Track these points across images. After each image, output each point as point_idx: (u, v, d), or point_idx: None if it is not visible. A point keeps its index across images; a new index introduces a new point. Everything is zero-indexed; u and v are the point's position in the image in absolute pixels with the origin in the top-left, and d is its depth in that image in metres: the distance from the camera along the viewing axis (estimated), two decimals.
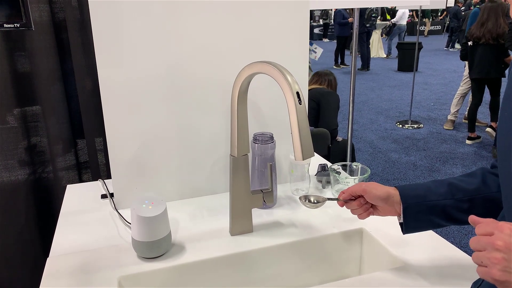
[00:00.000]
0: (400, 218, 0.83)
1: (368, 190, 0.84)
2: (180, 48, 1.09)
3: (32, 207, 1.51)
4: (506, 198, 0.65)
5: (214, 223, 1.07)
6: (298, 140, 0.76)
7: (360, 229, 1.03)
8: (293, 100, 0.75)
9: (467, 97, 4.97)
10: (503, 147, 0.65)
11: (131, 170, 1.13)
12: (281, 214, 1.11)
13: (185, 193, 1.21)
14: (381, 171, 3.95)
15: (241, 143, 0.95)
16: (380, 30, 11.67)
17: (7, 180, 1.45)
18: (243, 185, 0.98)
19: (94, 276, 0.87)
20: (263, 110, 1.22)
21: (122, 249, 0.96)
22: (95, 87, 1.51)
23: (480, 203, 0.78)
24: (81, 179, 1.61)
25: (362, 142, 4.74)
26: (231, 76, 1.14)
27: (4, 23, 0.78)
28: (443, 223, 0.81)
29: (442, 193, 0.80)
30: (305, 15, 1.18)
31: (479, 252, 0.54)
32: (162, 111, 1.12)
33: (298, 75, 1.21)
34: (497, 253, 0.52)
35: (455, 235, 2.85)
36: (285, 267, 1.00)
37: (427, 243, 0.96)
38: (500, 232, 0.53)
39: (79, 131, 1.57)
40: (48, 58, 1.45)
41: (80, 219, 1.11)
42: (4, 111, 1.41)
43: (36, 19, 1.40)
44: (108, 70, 1.05)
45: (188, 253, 0.94)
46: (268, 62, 0.80)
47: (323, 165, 1.29)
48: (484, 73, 4.30)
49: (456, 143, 4.68)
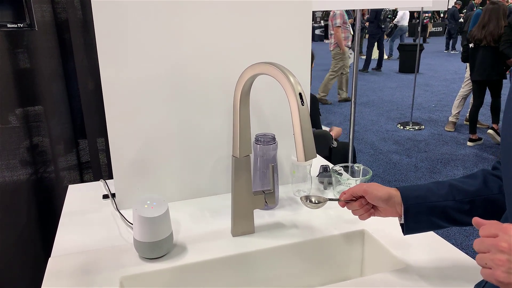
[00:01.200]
0: (401, 219, 0.83)
1: (369, 191, 0.84)
2: (182, 48, 1.09)
3: (34, 207, 1.51)
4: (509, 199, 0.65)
5: (215, 224, 1.07)
6: (301, 141, 0.76)
7: (362, 231, 1.03)
8: (295, 101, 0.75)
9: (469, 98, 4.96)
10: (506, 148, 0.65)
11: (133, 171, 1.13)
12: (283, 215, 1.11)
13: (187, 194, 1.21)
14: (382, 172, 3.95)
15: (243, 144, 0.95)
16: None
17: (9, 180, 1.45)
18: (245, 186, 0.98)
19: (95, 276, 0.87)
20: (265, 111, 1.22)
21: (123, 250, 0.96)
22: (97, 87, 1.51)
23: (481, 205, 0.78)
24: (82, 179, 1.61)
25: (363, 144, 4.74)
26: (233, 76, 1.14)
27: (7, 23, 0.78)
28: (443, 224, 0.81)
29: (443, 194, 0.80)
30: (308, 16, 1.18)
31: (483, 254, 0.54)
32: (164, 112, 1.12)
33: (300, 76, 1.21)
34: (502, 255, 0.52)
35: (456, 237, 2.84)
36: (287, 268, 1.00)
37: (429, 244, 0.96)
38: (505, 234, 0.53)
39: (81, 131, 1.57)
40: (50, 58, 1.45)
41: (82, 219, 1.11)
42: (6, 111, 1.41)
43: (38, 19, 1.40)
44: (110, 70, 1.05)
45: (190, 254, 0.94)
46: (270, 63, 0.80)
47: (325, 166, 1.29)
48: (485, 75, 4.30)
49: (457, 145, 4.67)
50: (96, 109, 1.52)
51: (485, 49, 4.22)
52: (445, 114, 5.85)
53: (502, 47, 3.96)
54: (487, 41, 4.16)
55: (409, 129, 5.25)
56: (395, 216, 0.85)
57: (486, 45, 4.18)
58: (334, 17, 6.06)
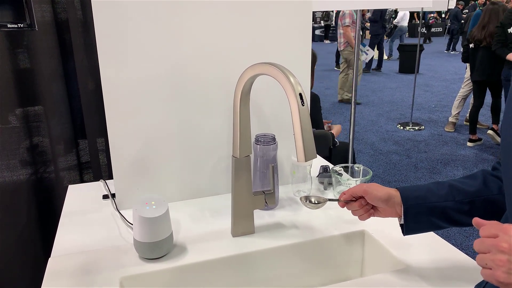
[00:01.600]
0: (401, 219, 0.83)
1: (369, 191, 0.84)
2: (182, 48, 1.09)
3: (34, 207, 1.51)
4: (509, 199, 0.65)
5: (215, 224, 1.07)
6: (301, 142, 0.75)
7: (362, 231, 1.03)
8: (295, 102, 0.75)
9: (468, 99, 4.97)
10: (506, 148, 0.65)
11: (133, 171, 1.13)
12: (283, 215, 1.11)
13: (187, 194, 1.21)
14: (382, 172, 3.95)
15: (243, 144, 0.95)
16: None
17: (9, 180, 1.45)
18: (245, 186, 0.98)
19: (95, 276, 0.87)
20: (265, 111, 1.21)
21: (123, 250, 0.96)
22: (97, 87, 1.51)
23: (481, 205, 0.78)
24: (82, 179, 1.61)
25: (363, 144, 4.74)
26: (233, 77, 1.14)
27: (7, 23, 0.78)
28: (443, 224, 0.81)
29: (443, 195, 0.80)
30: (308, 16, 1.18)
31: (484, 254, 0.54)
32: (164, 112, 1.12)
33: (300, 77, 1.21)
34: (502, 255, 0.52)
35: (456, 237, 2.84)
36: (287, 269, 1.00)
37: (429, 245, 0.96)
38: (505, 234, 0.53)
39: (81, 131, 1.57)
40: (51, 58, 1.45)
41: (82, 220, 1.11)
42: (6, 111, 1.41)
43: (38, 19, 1.40)
44: (110, 70, 1.05)
45: (190, 254, 0.94)
46: (270, 63, 0.80)
47: (325, 167, 1.29)
48: (485, 75, 4.31)
49: (457, 145, 4.67)
50: (96, 109, 1.52)
51: (485, 49, 4.22)
52: (445, 114, 5.85)
53: (495, 47, 3.96)
54: (487, 42, 4.16)
55: (409, 130, 5.25)
56: (394, 216, 0.85)
57: (486, 45, 4.19)
58: (343, 16, 6.05)
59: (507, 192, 0.65)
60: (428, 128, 5.31)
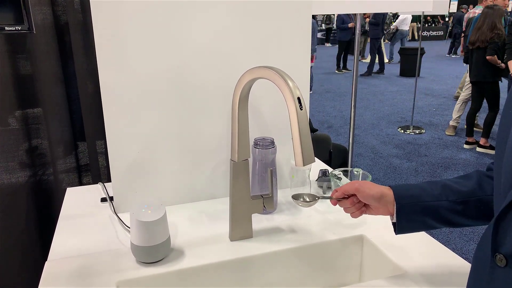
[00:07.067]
0: (393, 218, 0.82)
1: (361, 189, 0.84)
2: (181, 51, 1.09)
3: (32, 210, 1.51)
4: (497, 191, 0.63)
5: (213, 228, 1.06)
6: (299, 146, 0.75)
7: (361, 236, 1.03)
8: (294, 106, 0.75)
9: (469, 103, 4.96)
10: (500, 144, 0.64)
11: (131, 174, 1.13)
12: (281, 219, 1.11)
13: (185, 198, 1.20)
14: (382, 176, 3.94)
15: (241, 148, 0.94)
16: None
17: (7, 182, 1.45)
18: (243, 190, 0.98)
19: (92, 280, 0.86)
20: (264, 115, 1.21)
21: (121, 254, 0.95)
22: (96, 90, 1.51)
23: (474, 206, 0.77)
24: (81, 182, 1.61)
25: (364, 147, 4.73)
26: (232, 80, 1.14)
27: (5, 26, 0.78)
28: (436, 224, 0.80)
29: (436, 194, 0.79)
30: (307, 20, 1.18)
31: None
32: (163, 115, 1.12)
33: (299, 81, 1.21)
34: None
35: (456, 242, 2.83)
36: (285, 273, 0.99)
37: (428, 250, 0.95)
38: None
39: (80, 134, 1.57)
40: (50, 61, 1.45)
41: (80, 223, 1.10)
42: (6, 113, 1.41)
43: (38, 22, 1.40)
44: (109, 72, 1.05)
45: (187, 258, 0.93)
46: (269, 67, 0.80)
47: (324, 171, 1.28)
48: (480, 76, 4.36)
49: (457, 149, 4.67)
50: (96, 112, 1.52)
51: (478, 51, 4.32)
52: (446, 118, 5.84)
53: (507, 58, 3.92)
54: (479, 42, 4.27)
55: (410, 133, 5.24)
56: (386, 214, 0.84)
57: (479, 46, 4.28)
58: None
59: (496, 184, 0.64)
60: (428, 131, 5.31)
